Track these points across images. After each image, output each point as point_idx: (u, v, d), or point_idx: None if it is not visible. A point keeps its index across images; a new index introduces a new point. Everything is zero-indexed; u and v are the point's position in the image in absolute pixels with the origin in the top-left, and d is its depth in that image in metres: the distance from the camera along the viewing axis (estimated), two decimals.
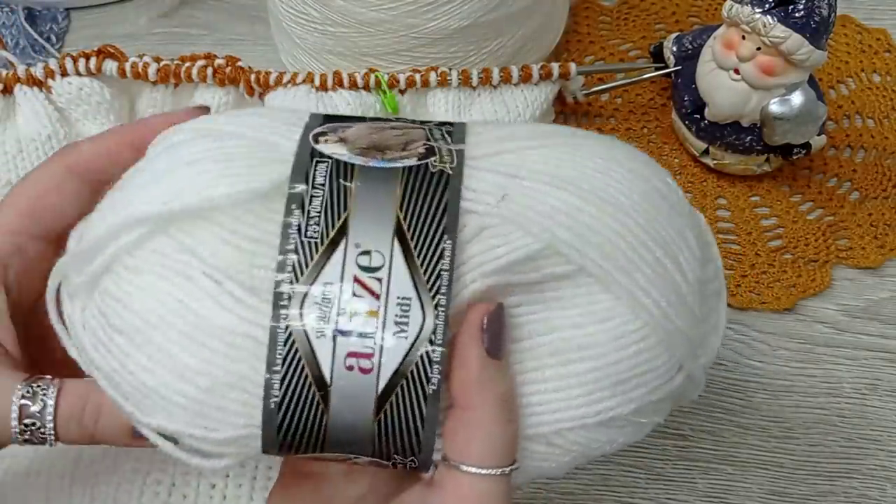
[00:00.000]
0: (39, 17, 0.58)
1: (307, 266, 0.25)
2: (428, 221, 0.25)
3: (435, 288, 0.25)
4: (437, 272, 0.25)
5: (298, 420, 0.25)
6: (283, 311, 0.24)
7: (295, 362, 0.24)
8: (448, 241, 0.25)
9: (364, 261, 0.25)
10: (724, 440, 0.43)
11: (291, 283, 0.25)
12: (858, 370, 0.45)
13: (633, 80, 0.52)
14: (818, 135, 0.47)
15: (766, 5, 0.43)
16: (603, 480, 0.42)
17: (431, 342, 0.24)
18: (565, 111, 0.53)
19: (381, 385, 0.25)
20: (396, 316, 0.24)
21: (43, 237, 0.29)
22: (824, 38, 0.44)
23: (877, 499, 0.41)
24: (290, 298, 0.25)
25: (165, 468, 0.39)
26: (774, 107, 0.45)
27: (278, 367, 0.24)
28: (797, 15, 0.42)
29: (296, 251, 0.25)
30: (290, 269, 0.25)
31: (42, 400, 0.27)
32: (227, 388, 0.25)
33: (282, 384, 0.25)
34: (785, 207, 0.50)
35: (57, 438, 0.27)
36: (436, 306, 0.25)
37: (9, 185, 0.42)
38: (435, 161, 0.26)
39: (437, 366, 0.24)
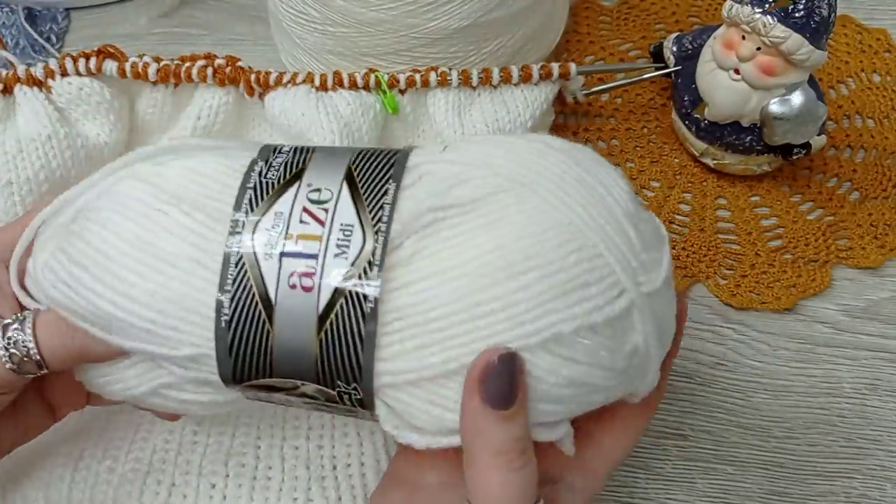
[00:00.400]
0: (39, 17, 0.58)
1: (262, 200, 0.28)
2: (376, 170, 0.28)
3: (377, 217, 0.27)
4: (379, 205, 0.27)
5: (247, 339, 0.27)
6: (236, 237, 0.27)
7: (244, 282, 0.27)
8: (392, 183, 0.28)
9: (314, 196, 0.28)
10: (724, 440, 0.43)
11: (247, 213, 0.27)
12: (858, 370, 0.45)
13: (633, 80, 0.52)
14: (818, 135, 0.47)
15: (766, 5, 0.43)
16: None
17: (370, 263, 0.26)
18: (565, 111, 0.53)
19: (322, 303, 0.26)
20: (339, 240, 0.27)
21: None
22: (824, 38, 0.44)
23: (877, 499, 0.41)
24: (243, 226, 0.27)
25: (165, 468, 0.39)
26: (774, 107, 0.45)
27: (229, 287, 0.27)
28: (797, 15, 0.42)
29: (254, 189, 0.28)
30: (246, 202, 0.28)
31: (22, 317, 0.30)
32: (179, 309, 0.27)
33: (231, 302, 0.27)
34: (785, 207, 0.50)
35: (41, 353, 0.29)
36: (376, 232, 0.26)
37: (9, 185, 0.42)
38: (388, 150, 0.30)
39: (373, 288, 0.26)
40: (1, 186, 0.42)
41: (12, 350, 0.29)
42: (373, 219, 0.27)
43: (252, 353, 0.27)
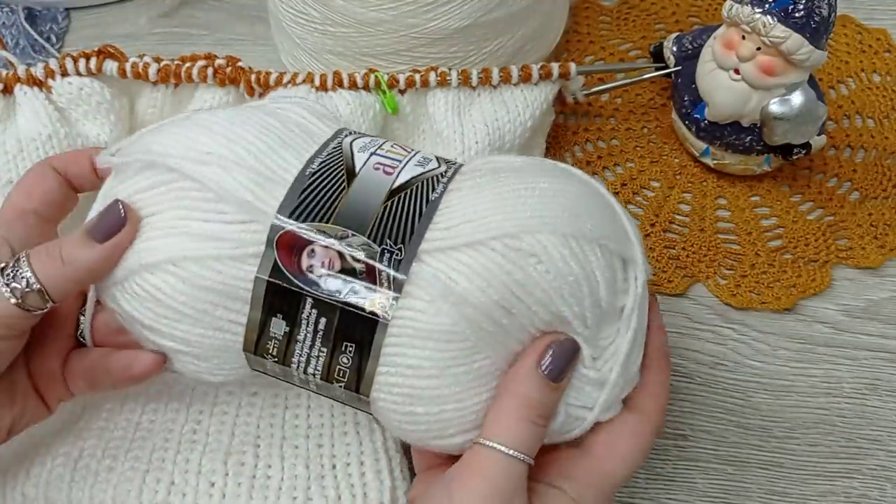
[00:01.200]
0: (39, 17, 0.58)
1: (360, 133, 0.36)
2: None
3: (449, 162, 0.35)
4: (452, 159, 0.35)
5: (321, 189, 0.32)
6: (339, 137, 0.34)
7: (337, 156, 0.33)
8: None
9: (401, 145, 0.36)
10: (724, 440, 0.43)
11: (348, 134, 0.35)
12: (858, 370, 0.45)
13: (634, 80, 0.52)
14: (818, 135, 0.47)
15: (766, 5, 0.43)
16: None
17: (442, 175, 0.33)
18: (565, 111, 0.53)
19: (397, 182, 0.32)
20: (418, 161, 0.34)
21: (37, 213, 0.35)
22: (824, 38, 0.44)
23: (877, 499, 0.41)
24: (344, 136, 0.35)
25: (164, 467, 0.39)
26: (774, 107, 0.45)
27: (323, 156, 0.33)
28: (797, 15, 0.42)
29: (351, 131, 0.36)
30: (348, 130, 0.36)
31: (17, 257, 0.32)
32: (270, 155, 0.32)
33: (321, 164, 0.33)
34: (785, 207, 0.50)
35: (39, 280, 0.31)
36: (448, 166, 0.34)
37: (9, 185, 0.42)
38: None
39: (441, 184, 0.32)
40: (1, 186, 0.42)
41: (13, 284, 0.31)
42: (446, 161, 0.34)
43: (320, 201, 0.31)
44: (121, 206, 0.32)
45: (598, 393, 0.32)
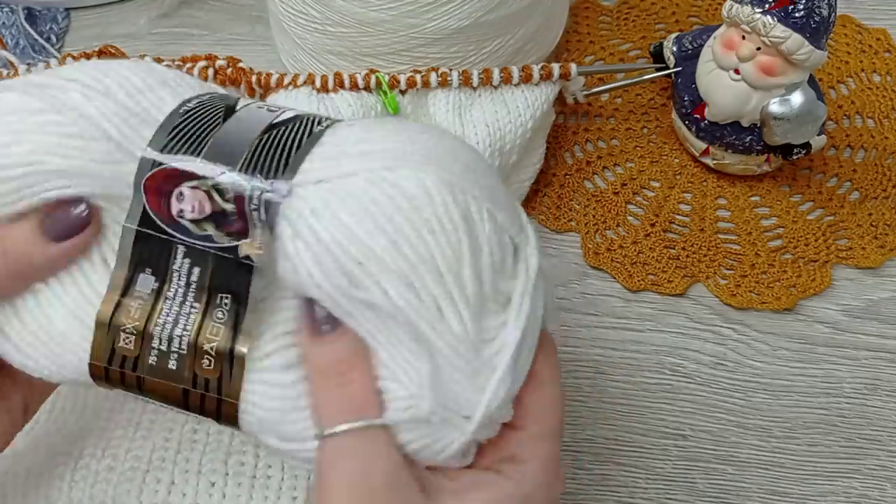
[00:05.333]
0: (39, 17, 0.58)
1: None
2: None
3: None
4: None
5: (194, 126, 0.29)
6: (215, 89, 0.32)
7: (216, 98, 0.31)
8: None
9: None
10: (724, 440, 0.43)
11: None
12: (858, 370, 0.45)
13: (634, 80, 0.52)
14: (818, 135, 0.47)
15: (766, 5, 0.43)
16: (603, 480, 0.42)
17: (326, 118, 0.31)
18: (565, 111, 0.53)
19: (279, 119, 0.30)
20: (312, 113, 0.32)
21: None
22: (824, 38, 0.44)
23: (877, 499, 0.41)
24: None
25: (164, 466, 0.39)
26: (774, 107, 0.45)
27: (204, 97, 0.30)
28: (797, 15, 0.43)
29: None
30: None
31: None
32: (144, 88, 0.30)
33: (197, 103, 0.30)
34: (785, 207, 0.50)
35: None
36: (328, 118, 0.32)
37: None
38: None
39: (327, 121, 0.30)
40: None
41: None
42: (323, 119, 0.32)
43: (193, 133, 0.29)
44: (84, 205, 0.28)
45: (479, 396, 0.27)
